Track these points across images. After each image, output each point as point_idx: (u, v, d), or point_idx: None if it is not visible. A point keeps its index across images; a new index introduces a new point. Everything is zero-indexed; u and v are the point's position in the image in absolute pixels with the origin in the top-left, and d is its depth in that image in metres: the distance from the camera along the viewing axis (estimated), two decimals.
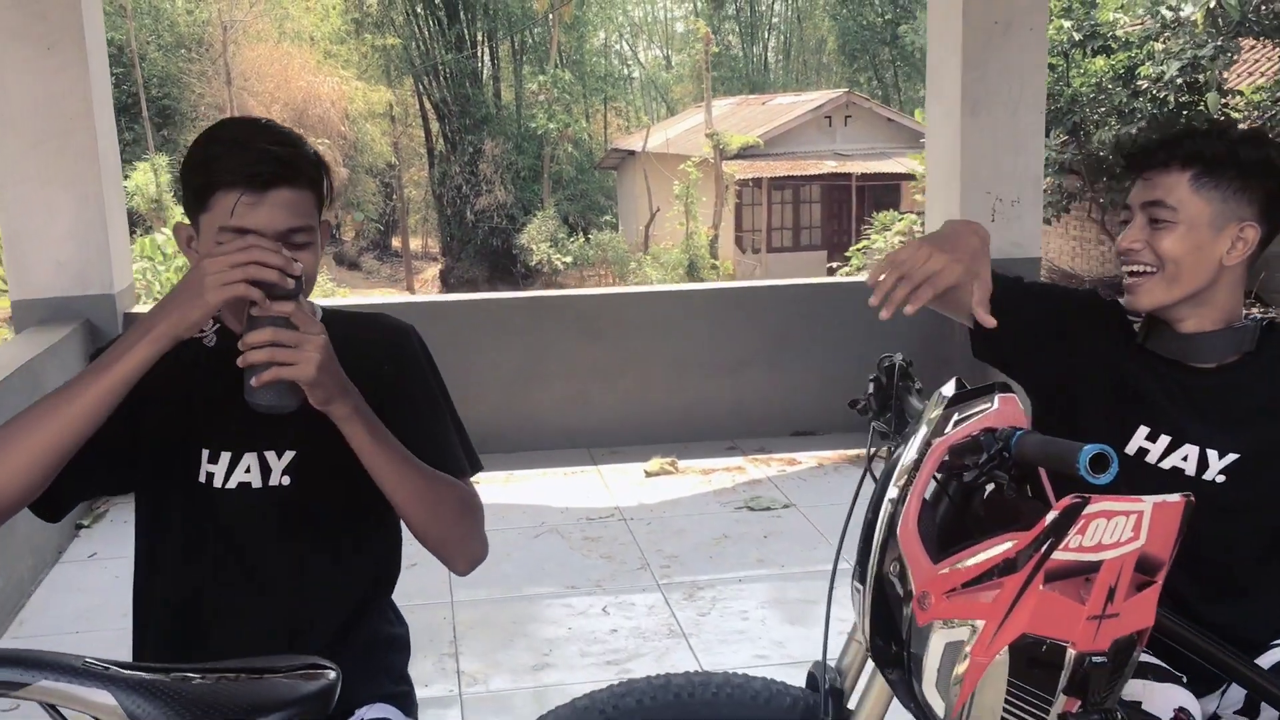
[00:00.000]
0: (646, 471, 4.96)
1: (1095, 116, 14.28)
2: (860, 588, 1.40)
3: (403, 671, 1.84)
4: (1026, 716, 1.25)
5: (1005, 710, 1.25)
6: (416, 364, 1.75)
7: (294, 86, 25.02)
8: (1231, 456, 1.78)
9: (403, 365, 1.73)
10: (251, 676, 1.38)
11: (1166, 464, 1.81)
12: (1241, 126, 12.40)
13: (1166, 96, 13.33)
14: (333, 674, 1.39)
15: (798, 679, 1.66)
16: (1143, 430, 1.83)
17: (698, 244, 22.79)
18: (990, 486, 1.39)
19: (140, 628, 1.76)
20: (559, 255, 25.65)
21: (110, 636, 3.42)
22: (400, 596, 1.91)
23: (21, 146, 4.58)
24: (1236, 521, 1.78)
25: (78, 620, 3.65)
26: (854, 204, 23.31)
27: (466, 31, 30.86)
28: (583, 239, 26.28)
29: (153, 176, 19.07)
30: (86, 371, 1.48)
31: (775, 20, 39.74)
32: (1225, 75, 13.71)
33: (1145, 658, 1.78)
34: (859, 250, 18.11)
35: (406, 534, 1.74)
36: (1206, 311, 1.80)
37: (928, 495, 1.38)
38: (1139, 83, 13.63)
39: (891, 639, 1.35)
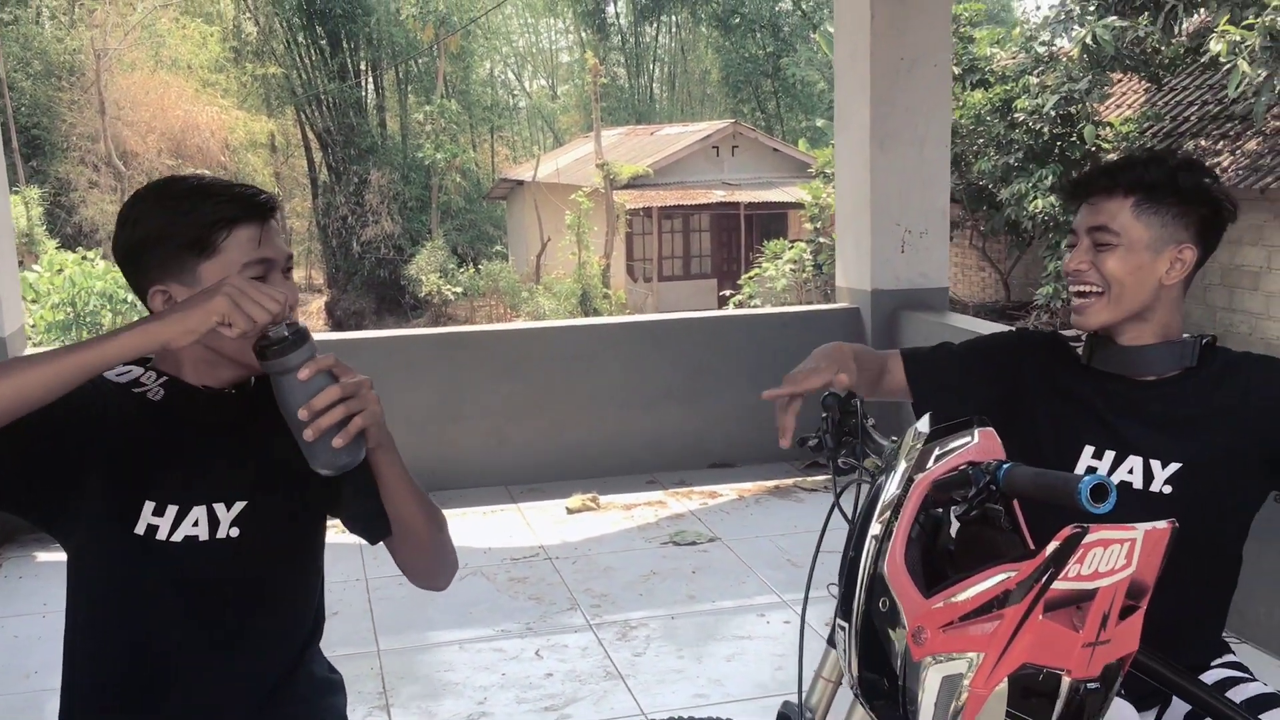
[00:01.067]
0: (568, 509, 4.89)
1: (975, 147, 14.76)
2: (845, 625, 1.40)
3: (342, 713, 1.84)
4: None
5: None
6: None
7: (171, 116, 24.37)
8: (1174, 465, 1.85)
9: None
10: None
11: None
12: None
13: (1042, 129, 13.84)
14: None
15: (741, 717, 1.66)
16: (1088, 450, 1.90)
17: (590, 273, 22.83)
18: (956, 522, 1.42)
19: (70, 686, 1.68)
20: (449, 286, 25.44)
21: (11, 702, 3.22)
22: (325, 646, 1.87)
23: None
24: (1183, 533, 1.81)
25: None
26: (743, 232, 23.65)
27: (350, 61, 30.50)
28: (473, 269, 26.11)
29: (24, 209, 18.31)
30: (69, 345, 1.46)
31: (660, 52, 40.17)
32: (1097, 108, 14.30)
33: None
34: (750, 278, 18.37)
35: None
36: (1145, 327, 1.89)
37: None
38: (1015, 115, 14.11)
39: (882, 675, 1.35)
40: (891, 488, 1.41)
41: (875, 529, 1.39)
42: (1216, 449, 1.84)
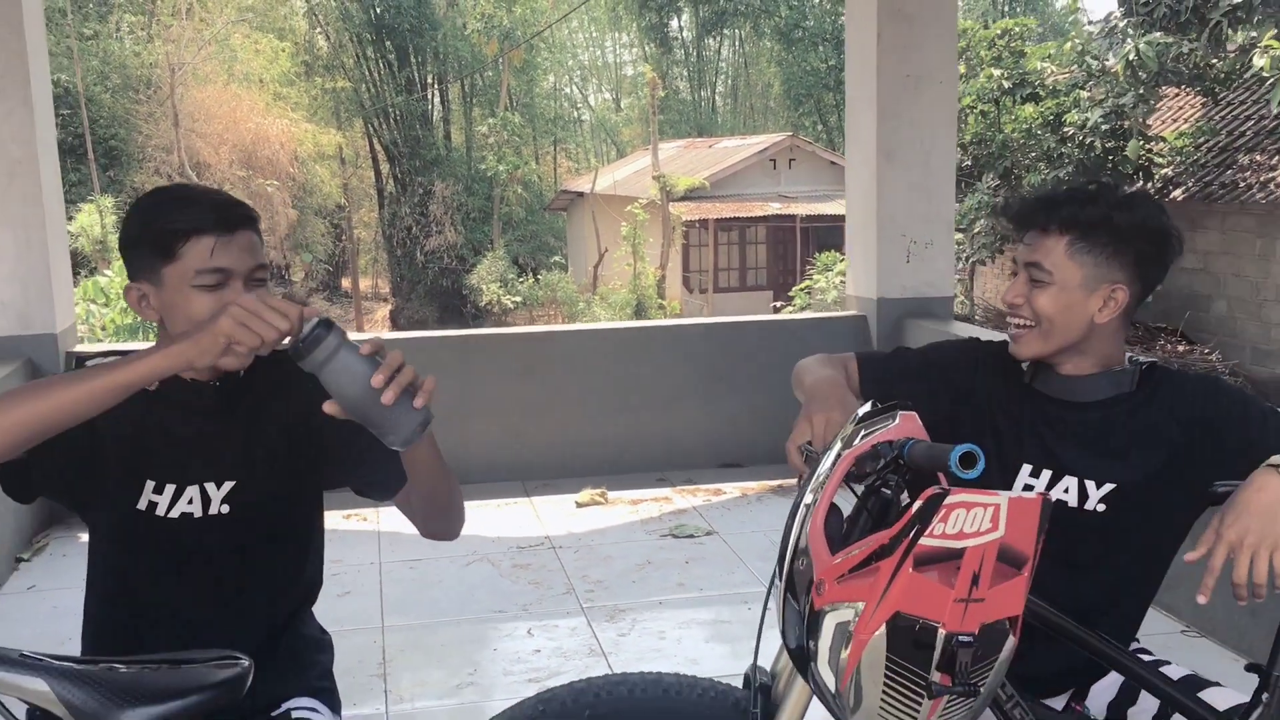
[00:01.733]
0: (577, 502, 5.13)
1: (1026, 161, 14.75)
2: (778, 585, 1.56)
3: (327, 669, 2.01)
4: (906, 691, 1.41)
5: (886, 685, 1.41)
6: None
7: (243, 128, 25.09)
8: (1109, 486, 1.93)
9: None
10: (171, 666, 1.55)
11: (1052, 496, 1.96)
12: (1164, 175, 12.59)
13: (1093, 142, 13.83)
14: (245, 663, 1.56)
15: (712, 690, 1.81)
16: (1026, 468, 1.98)
17: (645, 284, 23.08)
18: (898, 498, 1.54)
19: (89, 641, 1.92)
20: (508, 296, 25.86)
21: None
22: (332, 623, 2.08)
23: None
24: (1117, 545, 1.93)
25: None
26: (798, 245, 23.75)
27: (417, 74, 31.17)
28: (532, 279, 26.52)
29: (98, 218, 19.05)
30: (100, 366, 1.57)
31: (722, 65, 40.42)
32: (1148, 122, 14.24)
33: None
34: (802, 290, 18.49)
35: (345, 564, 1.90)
36: (1083, 359, 1.94)
37: (845, 506, 1.54)
38: (1066, 129, 14.12)
39: (800, 632, 1.49)
40: (826, 464, 1.56)
41: (807, 499, 1.54)
42: (1148, 470, 1.90)
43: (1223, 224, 13.71)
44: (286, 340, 1.54)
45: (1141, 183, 14.26)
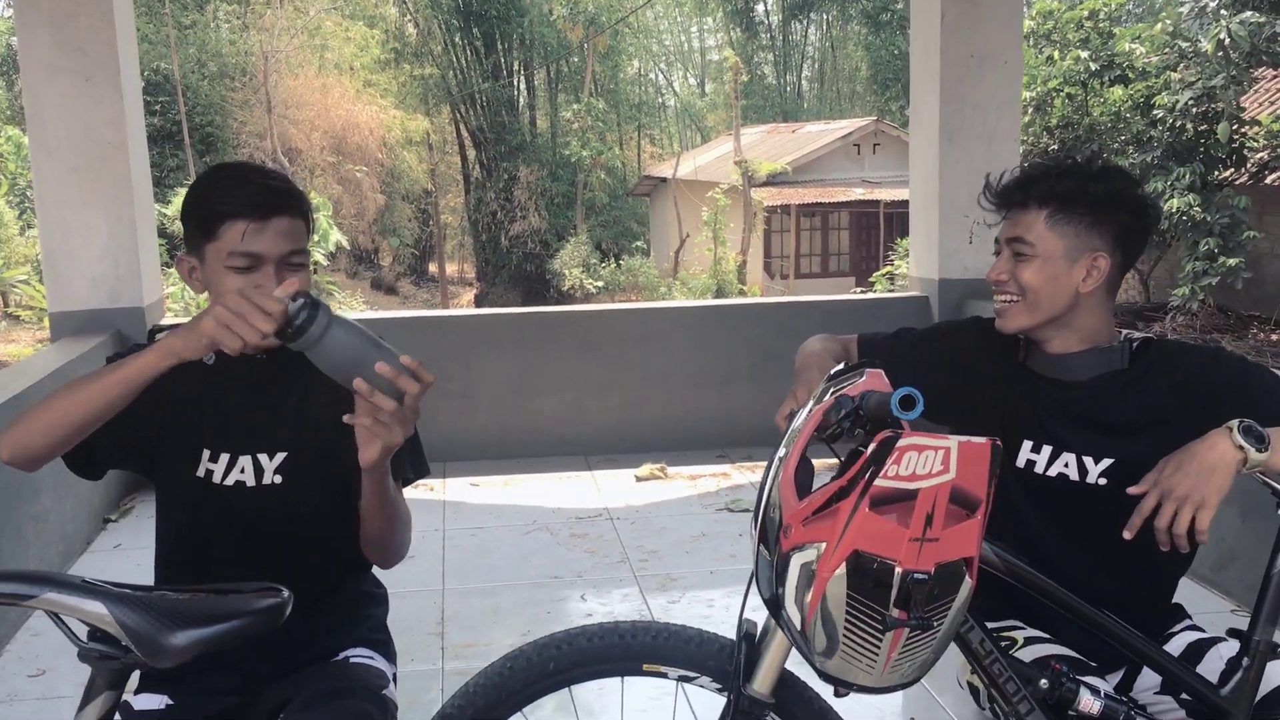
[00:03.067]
0: (637, 476, 5.25)
1: (1114, 145, 14.46)
2: (752, 535, 1.66)
3: (382, 622, 2.13)
4: (866, 626, 1.49)
5: (848, 621, 1.49)
6: None
7: (333, 115, 25.64)
8: (1106, 462, 1.98)
9: None
10: (217, 594, 1.70)
11: (1053, 471, 2.02)
12: (1259, 160, 12.16)
13: (1183, 125, 13.50)
14: (284, 593, 1.70)
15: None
16: (1027, 444, 2.04)
17: (726, 270, 23.09)
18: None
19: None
20: (591, 280, 26.04)
21: None
22: (394, 584, 2.19)
23: (60, 172, 4.98)
24: (1122, 519, 1.94)
25: None
26: (881, 230, 23.54)
27: (503, 61, 31.49)
28: (614, 264, 26.66)
29: None
30: (109, 367, 1.71)
31: (809, 49, 40.11)
32: (1242, 104, 13.85)
33: (1060, 649, 1.98)
34: (883, 276, 18.36)
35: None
36: (1069, 334, 1.99)
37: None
38: (1155, 112, 13.80)
39: (773, 577, 1.58)
40: (798, 421, 1.67)
41: (781, 452, 1.65)
42: (1148, 445, 1.92)
43: None
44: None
45: (1234, 167, 13.90)
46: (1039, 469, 2.03)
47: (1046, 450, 2.02)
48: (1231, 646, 1.97)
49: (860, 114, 32.25)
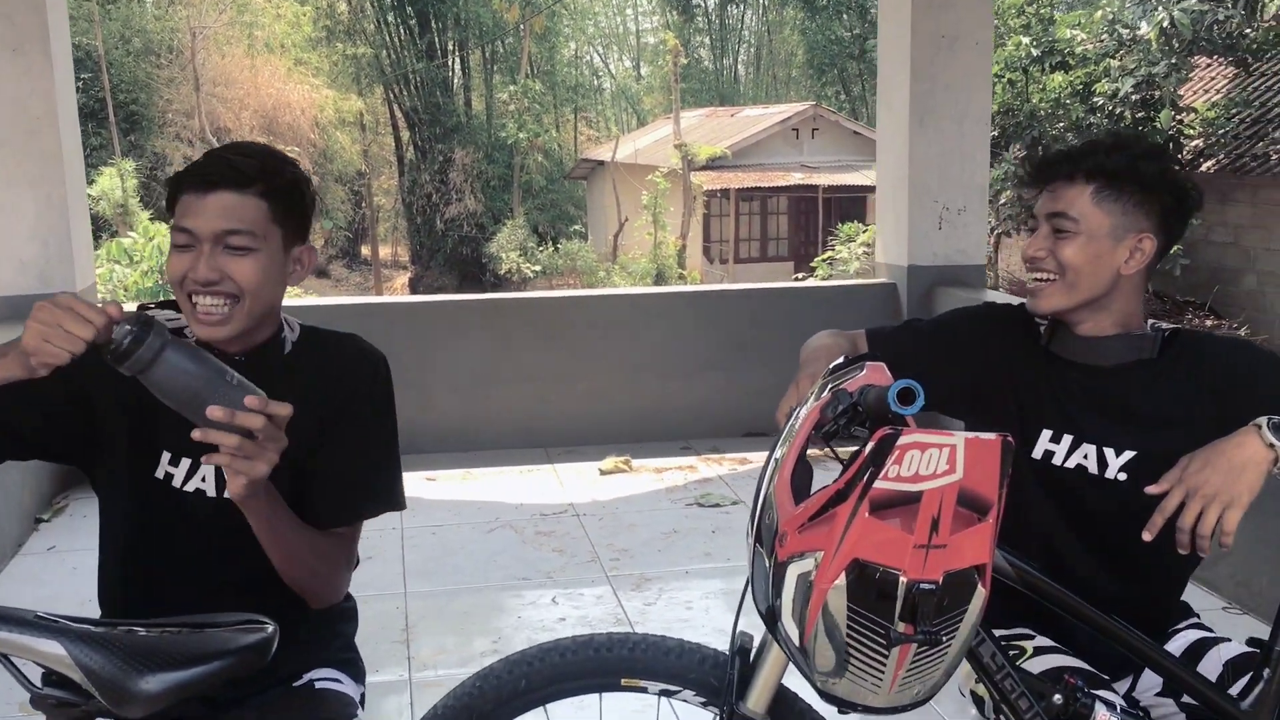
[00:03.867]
0: (601, 470, 5.07)
1: (1054, 131, 14.53)
2: (748, 543, 1.53)
3: (350, 640, 1.95)
4: (870, 641, 1.36)
5: (850, 636, 1.36)
6: (373, 396, 1.79)
7: (264, 94, 25.03)
8: (1129, 454, 1.87)
9: (358, 393, 1.78)
10: (193, 630, 1.49)
11: (1071, 463, 1.91)
12: (1195, 148, 12.46)
13: (1122, 113, 13.60)
14: (269, 628, 1.49)
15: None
16: (1046, 433, 1.92)
17: (666, 254, 22.95)
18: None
19: (106, 604, 1.87)
20: (528, 264, 25.77)
21: None
22: (354, 588, 1.99)
23: None
24: (1141, 516, 1.85)
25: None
26: (820, 215, 23.56)
27: (438, 40, 30.96)
28: (552, 248, 26.40)
29: (119, 181, 19.02)
30: None
31: (745, 33, 40.05)
32: (1180, 92, 14.00)
33: (1071, 661, 1.88)
34: (823, 261, 18.35)
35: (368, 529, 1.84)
36: (1104, 317, 1.89)
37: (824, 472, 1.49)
38: (1095, 99, 13.89)
39: (768, 588, 1.45)
40: (796, 419, 1.54)
41: (777, 454, 1.52)
42: (1171, 438, 1.84)
43: (1254, 197, 13.48)
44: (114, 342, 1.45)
45: (1172, 154, 14.03)
46: (1057, 460, 1.92)
47: (1066, 440, 1.91)
48: (1233, 648, 1.92)
49: (796, 99, 32.27)
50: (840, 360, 1.58)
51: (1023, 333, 1.99)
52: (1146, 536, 1.74)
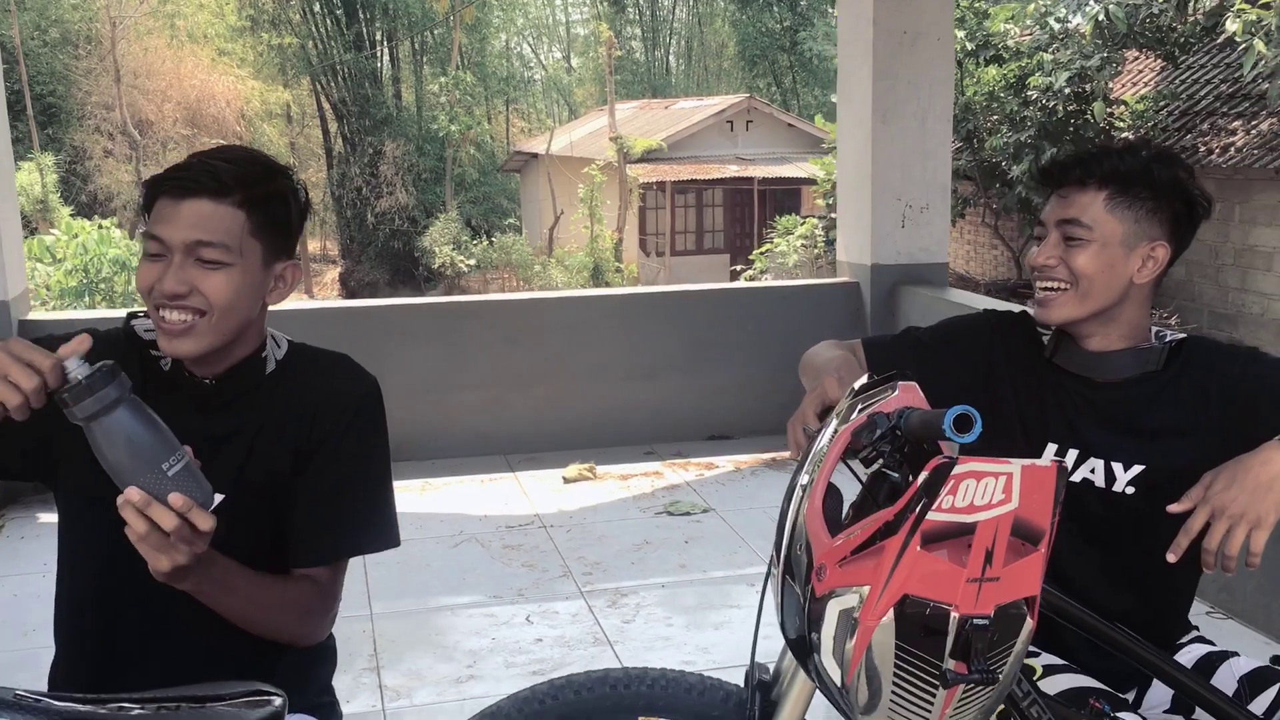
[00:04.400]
0: (565, 478, 4.93)
1: (988, 124, 14.66)
2: (775, 573, 1.45)
3: (327, 683, 1.83)
4: (918, 681, 1.28)
5: (897, 675, 1.28)
6: (360, 423, 1.68)
7: (187, 85, 24.43)
8: (1136, 469, 1.82)
9: (343, 420, 1.66)
10: (193, 706, 1.33)
11: (1077, 477, 1.85)
12: (1124, 140, 12.72)
13: (1055, 106, 13.75)
14: (278, 700, 1.35)
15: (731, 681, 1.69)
16: (1051, 447, 1.86)
17: (602, 247, 22.82)
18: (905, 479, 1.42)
19: (61, 646, 1.71)
20: (462, 258, 25.48)
21: (9, 659, 3.28)
22: None
23: None
24: (1149, 530, 1.81)
25: None
26: (756, 208, 23.60)
27: (366, 31, 30.46)
28: (486, 242, 26.12)
29: (38, 176, 18.40)
30: None
31: (676, 25, 39.98)
32: (1111, 85, 14.19)
33: (1085, 681, 1.81)
34: (762, 254, 18.35)
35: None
36: (1113, 329, 1.83)
37: (850, 493, 1.43)
38: (1029, 92, 14.02)
39: (799, 619, 1.38)
40: (822, 442, 1.46)
41: (803, 480, 1.43)
42: (1179, 452, 1.81)
43: None
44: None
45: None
46: None
47: (1073, 454, 1.85)
48: (1245, 662, 1.86)
49: (729, 91, 32.30)
50: (865, 379, 1.50)
51: (1025, 343, 1.93)
52: (1171, 558, 1.68)
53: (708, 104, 26.29)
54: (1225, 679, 1.84)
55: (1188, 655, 1.92)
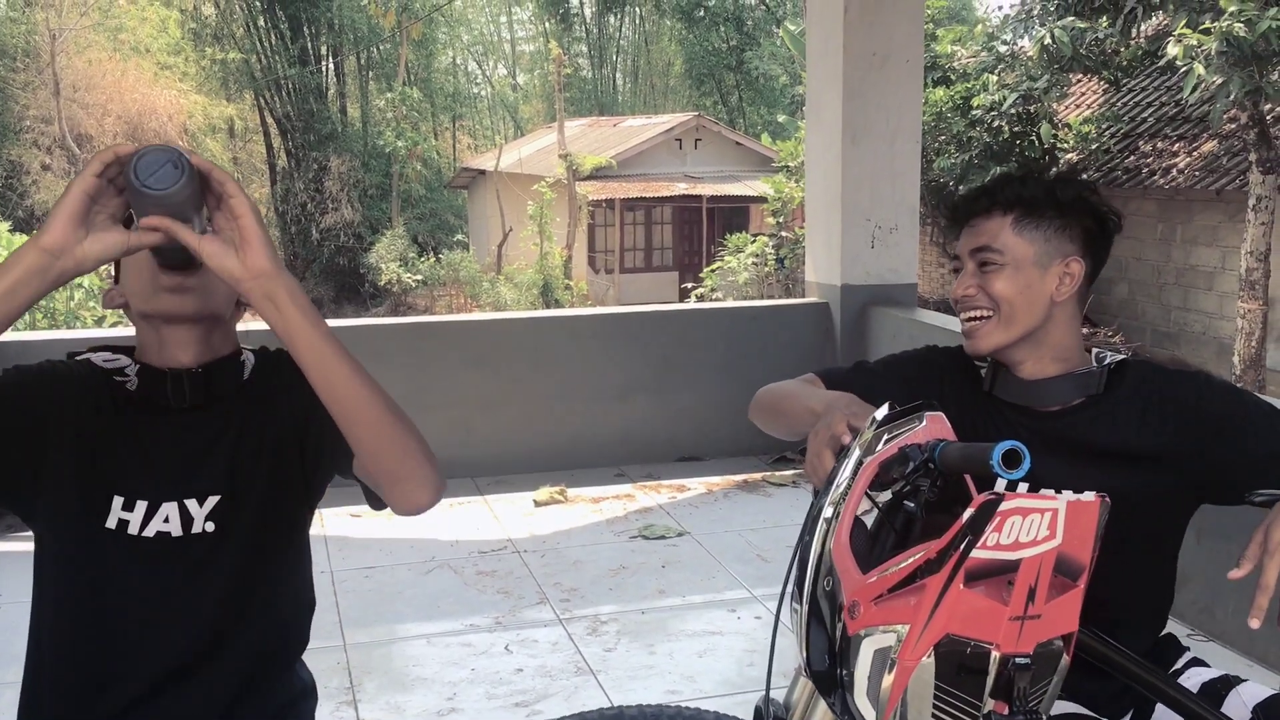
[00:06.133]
0: (536, 501, 4.86)
1: (936, 145, 14.83)
2: (798, 608, 1.41)
3: (311, 715, 1.80)
4: None
5: (936, 716, 1.26)
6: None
7: (128, 99, 23.97)
8: (1088, 496, 1.80)
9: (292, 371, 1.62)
10: None
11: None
12: (1069, 160, 12.84)
13: (1001, 126, 13.94)
14: None
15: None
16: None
17: (552, 264, 22.72)
18: (922, 509, 1.40)
19: (33, 676, 1.64)
20: (409, 274, 25.23)
21: None
22: None
23: None
24: (1104, 556, 1.80)
25: None
26: (705, 225, 23.66)
27: (311, 46, 30.18)
28: (433, 258, 25.89)
29: None
30: None
31: (623, 43, 40.07)
32: (1056, 108, 14.43)
33: (1075, 708, 1.79)
34: (712, 271, 18.39)
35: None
36: (1044, 352, 1.82)
37: (867, 520, 1.40)
38: (974, 112, 14.21)
39: (828, 656, 1.35)
40: (845, 473, 1.43)
41: (827, 512, 1.40)
42: (1128, 475, 1.78)
43: (1125, 208, 13.92)
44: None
45: (1048, 167, 14.46)
46: None
47: (1022, 489, 1.79)
48: (1255, 689, 1.82)
49: (676, 109, 32.40)
50: (886, 409, 1.48)
51: (965, 377, 1.92)
52: (1254, 624, 1.58)
53: (656, 122, 26.34)
54: (1236, 706, 1.80)
55: (1190, 680, 1.88)
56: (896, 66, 5.23)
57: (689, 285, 20.02)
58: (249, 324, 2.04)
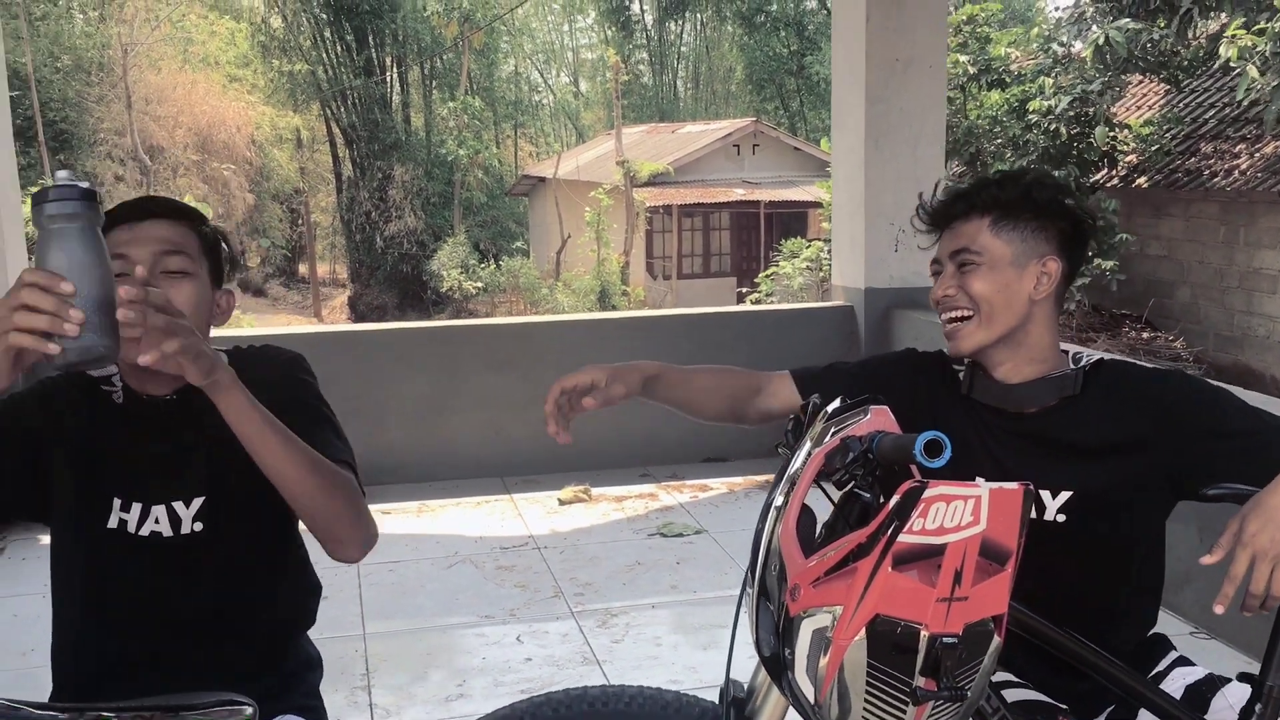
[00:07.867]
0: (560, 500, 4.98)
1: (992, 148, 14.71)
2: (750, 592, 1.49)
3: (314, 687, 1.90)
4: (889, 698, 1.32)
5: (869, 693, 1.32)
6: (302, 383, 1.79)
7: (198, 111, 24.59)
8: (1065, 494, 1.83)
9: (292, 390, 1.76)
10: (166, 713, 1.39)
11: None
12: (1129, 163, 12.54)
13: (1058, 129, 13.81)
14: (249, 710, 1.40)
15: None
16: (980, 481, 1.88)
17: (609, 271, 22.89)
18: (877, 500, 1.45)
19: (59, 667, 1.78)
20: (470, 282, 25.56)
21: (7, 678, 3.34)
22: (311, 629, 1.93)
23: None
24: (1084, 556, 1.83)
25: None
26: (762, 231, 23.66)
27: (376, 57, 30.68)
28: (494, 265, 26.21)
29: None
30: None
31: (684, 49, 40.20)
32: (1114, 109, 14.25)
33: (1028, 694, 1.82)
34: (768, 277, 18.40)
35: (321, 566, 1.75)
36: (1022, 353, 1.87)
37: (816, 512, 1.46)
38: (1030, 116, 14.09)
39: (774, 638, 1.42)
40: (795, 464, 1.50)
41: (778, 501, 1.48)
42: (1105, 473, 1.82)
43: (1186, 211, 13.75)
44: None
45: (1107, 169, 14.28)
46: None
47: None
48: (1239, 691, 1.82)
49: (736, 115, 32.42)
50: (837, 403, 1.54)
51: (941, 380, 1.97)
52: (1219, 610, 1.63)
53: (714, 128, 26.40)
54: (1222, 711, 1.81)
55: (1174, 684, 1.89)
56: (919, 71, 5.28)
57: (745, 290, 20.05)
58: (241, 329, 2.16)
